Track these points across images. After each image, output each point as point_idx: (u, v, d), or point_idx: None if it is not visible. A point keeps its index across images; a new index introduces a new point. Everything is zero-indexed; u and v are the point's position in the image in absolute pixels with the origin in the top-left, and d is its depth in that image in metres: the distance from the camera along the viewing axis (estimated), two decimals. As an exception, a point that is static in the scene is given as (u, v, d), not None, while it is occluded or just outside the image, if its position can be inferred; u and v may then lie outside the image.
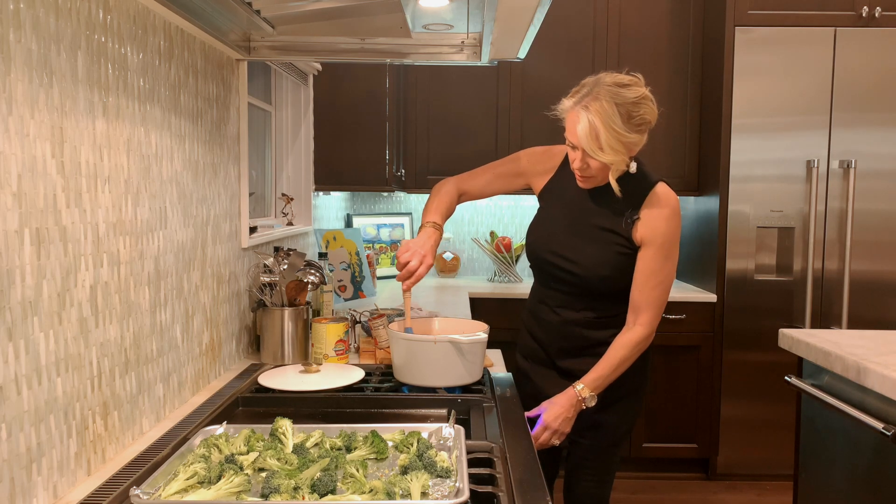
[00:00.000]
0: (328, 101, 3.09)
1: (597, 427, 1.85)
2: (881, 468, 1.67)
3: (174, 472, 1.13)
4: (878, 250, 3.33)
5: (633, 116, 1.63)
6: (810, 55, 3.29)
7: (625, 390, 1.85)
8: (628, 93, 1.64)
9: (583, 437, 1.87)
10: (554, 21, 3.55)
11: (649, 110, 1.67)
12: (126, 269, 1.37)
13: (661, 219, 1.74)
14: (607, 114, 1.61)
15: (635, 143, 1.68)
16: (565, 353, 1.87)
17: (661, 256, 1.75)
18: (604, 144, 1.62)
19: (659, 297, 1.78)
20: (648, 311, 1.78)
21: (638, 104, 1.64)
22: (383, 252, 3.95)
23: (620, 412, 1.87)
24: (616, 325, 1.83)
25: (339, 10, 1.69)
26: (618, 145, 1.63)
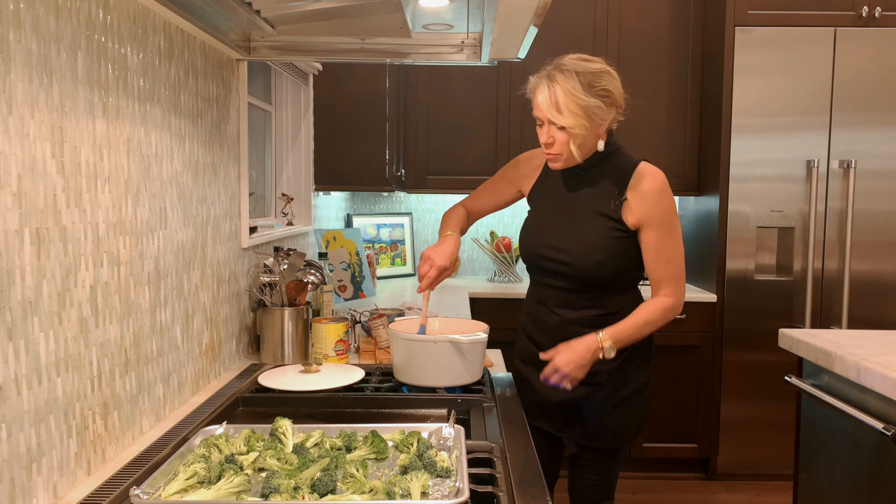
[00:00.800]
0: (328, 101, 3.09)
1: (604, 430, 1.83)
2: (881, 468, 1.67)
3: (174, 472, 1.13)
4: (878, 250, 3.33)
5: (593, 85, 1.67)
6: (810, 55, 3.29)
7: (630, 391, 1.83)
8: (589, 64, 1.69)
9: (590, 441, 1.85)
10: (554, 21, 3.55)
11: (611, 83, 1.70)
12: (126, 269, 1.37)
13: (651, 198, 1.74)
14: (566, 81, 1.66)
15: (596, 110, 1.68)
16: None
17: (662, 234, 1.75)
18: (562, 107, 1.67)
19: (675, 270, 1.78)
20: (668, 284, 1.78)
21: (599, 74, 1.68)
22: (383, 252, 3.95)
23: (626, 415, 1.84)
24: (615, 323, 1.78)
25: (339, 10, 1.69)
26: (576, 108, 1.66)
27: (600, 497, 1.92)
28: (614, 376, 1.81)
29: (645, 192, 1.74)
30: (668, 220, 1.76)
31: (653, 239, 1.75)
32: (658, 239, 1.75)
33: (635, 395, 1.84)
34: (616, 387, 1.81)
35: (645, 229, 1.75)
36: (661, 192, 1.75)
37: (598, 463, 1.90)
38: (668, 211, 1.76)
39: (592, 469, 1.91)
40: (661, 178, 1.77)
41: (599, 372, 1.79)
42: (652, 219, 1.74)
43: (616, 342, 1.72)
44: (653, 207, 1.74)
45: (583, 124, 1.68)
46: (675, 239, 1.77)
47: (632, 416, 1.85)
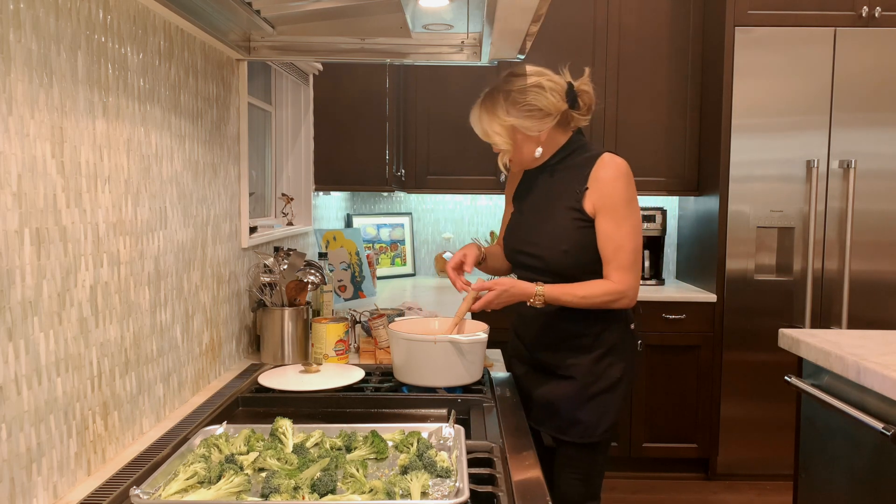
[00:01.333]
0: (328, 101, 3.09)
1: (577, 423, 1.84)
2: (881, 468, 1.67)
3: (174, 472, 1.13)
4: (878, 250, 3.33)
5: (518, 102, 1.76)
6: (810, 55, 3.29)
7: (603, 386, 1.83)
8: (517, 81, 1.78)
9: (563, 434, 1.86)
10: (554, 21, 3.55)
11: (540, 98, 1.76)
12: (126, 269, 1.37)
13: (605, 184, 1.77)
14: (491, 103, 1.79)
15: (526, 126, 1.77)
16: (543, 346, 1.89)
17: (613, 221, 1.76)
18: (487, 129, 1.80)
19: (624, 259, 1.77)
20: (615, 271, 1.77)
21: (524, 91, 1.76)
22: (383, 252, 3.95)
23: (599, 409, 1.84)
24: (589, 315, 1.82)
25: (339, 10, 1.69)
26: (500, 129, 1.78)
27: (584, 497, 1.90)
28: (587, 370, 1.83)
29: (601, 178, 1.78)
30: (621, 207, 1.76)
31: (603, 225, 1.77)
32: (608, 225, 1.76)
33: (608, 390, 1.84)
34: (589, 381, 1.82)
35: (598, 215, 1.78)
36: (615, 178, 1.77)
37: (577, 460, 1.88)
38: (621, 198, 1.77)
39: (572, 467, 1.89)
40: (618, 166, 1.79)
41: (575, 366, 1.83)
42: (605, 204, 1.76)
43: (548, 299, 1.75)
44: (606, 193, 1.76)
45: (506, 141, 1.79)
46: (626, 229, 1.76)
47: (604, 412, 1.84)
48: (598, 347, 1.83)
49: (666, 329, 3.44)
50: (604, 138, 3.67)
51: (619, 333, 1.86)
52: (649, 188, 3.70)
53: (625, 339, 1.88)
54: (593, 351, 1.83)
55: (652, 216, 3.74)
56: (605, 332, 1.84)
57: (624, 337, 1.87)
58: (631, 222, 1.77)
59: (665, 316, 3.43)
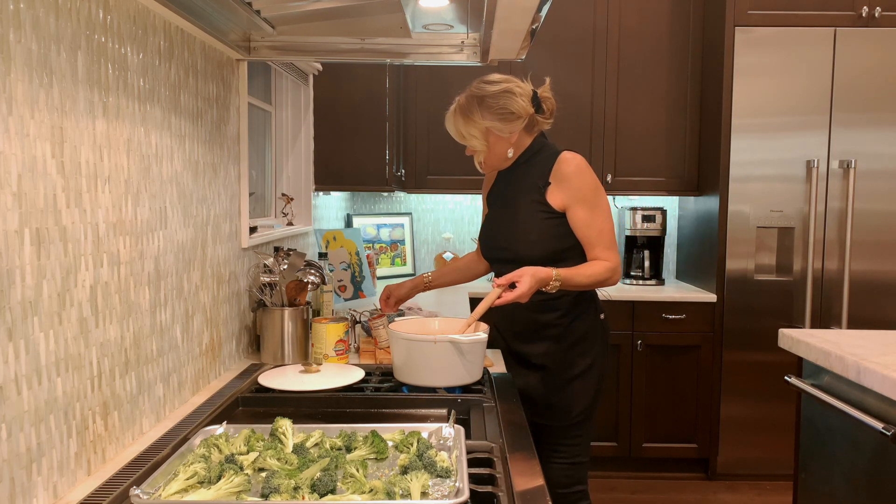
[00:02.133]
0: (328, 101, 3.09)
1: (551, 408, 1.98)
2: (881, 468, 1.67)
3: (174, 472, 1.13)
4: (878, 250, 3.33)
5: (492, 106, 1.88)
6: (810, 55, 3.29)
7: (576, 372, 1.96)
8: (489, 87, 1.90)
9: (540, 418, 1.97)
10: (554, 21, 3.55)
11: (511, 102, 1.88)
12: (126, 269, 1.37)
13: (569, 179, 1.89)
14: (466, 107, 1.91)
15: (499, 128, 1.90)
16: (517, 337, 2.03)
17: (587, 209, 1.89)
18: (463, 132, 1.93)
19: (607, 240, 1.90)
20: (605, 251, 1.89)
21: (497, 96, 1.88)
22: (383, 252, 3.95)
23: (573, 394, 1.97)
24: (560, 307, 1.94)
25: (339, 10, 1.69)
26: (475, 132, 1.91)
27: (571, 482, 2.01)
28: (559, 359, 1.97)
29: (563, 174, 1.90)
30: (591, 196, 1.89)
31: (579, 216, 1.89)
32: (584, 215, 1.89)
33: (580, 376, 1.97)
34: (561, 369, 1.97)
35: (571, 209, 1.90)
36: (577, 172, 1.90)
37: (562, 445, 2.00)
38: (588, 188, 1.89)
39: (558, 452, 2.01)
40: (576, 161, 1.92)
41: (545, 354, 1.97)
42: (574, 197, 1.89)
43: (563, 282, 1.81)
44: (574, 186, 1.89)
45: (481, 143, 1.92)
46: (601, 214, 1.90)
47: (577, 397, 1.98)
48: (569, 337, 1.96)
49: (666, 329, 3.43)
50: (604, 138, 3.67)
51: (589, 323, 1.99)
52: (649, 188, 3.70)
53: (594, 328, 2.00)
54: (564, 341, 1.96)
55: (652, 216, 3.74)
56: (574, 323, 1.96)
57: (594, 326, 2.00)
58: (602, 206, 1.91)
59: (665, 316, 3.43)
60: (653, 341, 3.43)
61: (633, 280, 3.78)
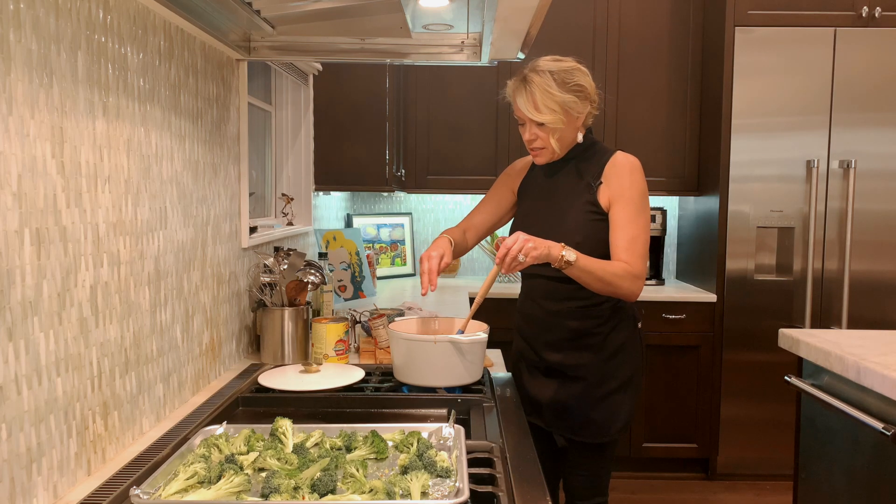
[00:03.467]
0: (328, 101, 3.09)
1: (589, 424, 1.86)
2: (881, 468, 1.67)
3: (174, 472, 1.13)
4: (878, 250, 3.33)
5: (566, 82, 1.78)
6: (810, 55, 3.29)
7: (615, 385, 1.85)
8: (561, 63, 1.80)
9: (577, 435, 1.88)
10: (554, 21, 3.55)
11: (583, 78, 1.81)
12: (126, 269, 1.37)
13: (623, 176, 1.81)
14: (541, 80, 1.77)
15: (572, 105, 1.78)
16: (550, 346, 1.88)
17: (629, 211, 1.78)
18: (540, 104, 1.77)
19: (639, 249, 1.77)
20: (632, 257, 1.75)
21: (570, 71, 1.79)
22: (383, 252, 3.95)
23: (611, 409, 1.86)
24: (598, 315, 1.83)
25: (339, 10, 1.69)
26: (553, 104, 1.76)
27: (593, 493, 1.94)
28: (598, 371, 1.84)
29: (618, 171, 1.82)
30: (637, 199, 1.80)
31: (618, 214, 1.78)
32: (623, 215, 1.78)
33: (619, 389, 1.86)
34: (600, 381, 1.84)
35: (613, 206, 1.80)
36: (631, 170, 1.82)
37: (588, 458, 1.91)
38: (637, 190, 1.81)
39: (583, 465, 1.92)
40: (634, 161, 1.85)
41: (584, 366, 1.84)
42: (622, 195, 1.79)
43: (577, 256, 1.67)
44: (624, 185, 1.80)
45: (560, 119, 1.78)
46: (640, 222, 1.79)
47: (616, 411, 1.86)
48: (608, 347, 1.84)
49: (666, 329, 3.43)
50: (604, 138, 3.67)
51: (628, 332, 1.87)
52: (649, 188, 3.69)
53: (633, 337, 1.88)
54: (602, 350, 1.84)
55: (652, 216, 3.74)
56: (613, 332, 1.84)
57: (632, 336, 1.88)
58: (645, 216, 1.81)
59: (665, 316, 3.43)
60: (653, 341, 3.43)
61: (633, 280, 3.77)
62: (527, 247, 1.62)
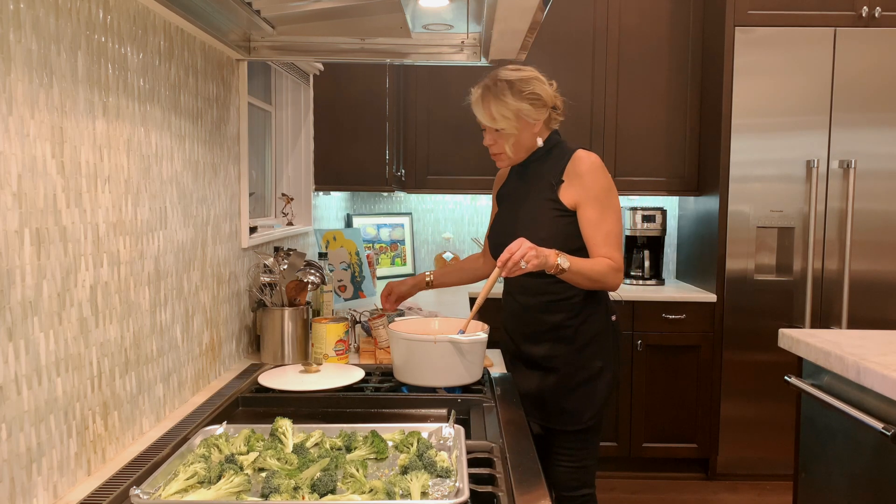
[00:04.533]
0: (328, 101, 3.09)
1: (563, 412, 1.95)
2: (881, 468, 1.67)
3: (174, 472, 1.13)
4: (878, 250, 3.33)
5: (522, 90, 1.86)
6: (810, 55, 3.29)
7: (586, 375, 1.94)
8: (519, 73, 1.89)
9: (550, 422, 1.96)
10: (554, 21, 3.55)
11: (539, 87, 1.88)
12: (126, 269, 1.37)
13: (583, 177, 1.88)
14: (497, 89, 1.87)
15: (527, 112, 1.87)
16: (527, 338, 1.99)
17: (598, 208, 1.86)
18: (494, 113, 1.87)
19: (615, 242, 1.87)
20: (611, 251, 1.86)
21: (526, 81, 1.87)
22: (383, 252, 3.95)
23: (583, 398, 1.94)
24: (569, 308, 1.92)
25: (339, 10, 1.69)
26: (507, 112, 1.86)
27: (579, 484, 1.99)
28: (570, 361, 1.94)
29: (578, 172, 1.88)
30: (603, 196, 1.87)
31: (588, 215, 1.87)
32: (593, 214, 1.86)
33: (591, 379, 1.95)
34: (571, 371, 1.94)
35: (581, 207, 1.88)
36: (591, 170, 1.88)
37: (567, 448, 1.98)
38: (600, 187, 1.87)
39: (566, 455, 1.98)
40: (592, 159, 1.90)
41: (557, 357, 1.93)
42: (587, 196, 1.87)
43: (570, 262, 1.76)
44: (587, 185, 1.87)
45: (513, 125, 1.87)
46: (611, 216, 1.87)
47: (589, 400, 1.95)
48: (580, 339, 1.93)
49: (666, 329, 3.43)
50: (604, 138, 3.67)
51: (600, 325, 1.95)
52: (649, 188, 3.70)
53: (605, 329, 1.97)
54: (574, 342, 1.93)
55: (652, 216, 3.74)
56: (584, 324, 1.93)
57: (604, 327, 1.97)
58: (614, 208, 1.89)
59: (665, 316, 3.43)
60: (653, 341, 3.43)
61: (633, 280, 3.78)
62: (529, 254, 1.68)
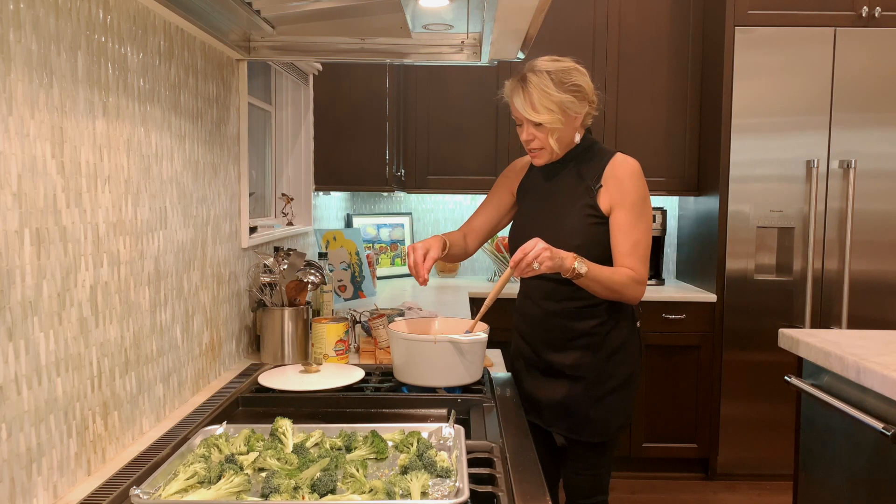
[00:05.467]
0: (328, 101, 3.09)
1: (588, 423, 1.86)
2: (881, 468, 1.67)
3: (174, 472, 1.13)
4: (878, 250, 3.33)
5: (564, 82, 1.77)
6: (810, 55, 3.29)
7: (614, 384, 1.86)
8: (559, 63, 1.80)
9: (576, 434, 1.88)
10: (554, 21, 3.55)
11: (581, 78, 1.80)
12: (126, 269, 1.37)
13: (623, 181, 1.80)
14: (538, 80, 1.77)
15: (569, 105, 1.78)
16: (549, 346, 1.89)
17: (630, 216, 1.79)
18: (537, 105, 1.76)
19: (642, 253, 1.79)
20: (635, 262, 1.77)
21: (567, 71, 1.79)
22: (383, 252, 3.95)
23: (610, 408, 1.86)
24: (597, 315, 1.83)
25: (339, 10, 1.69)
26: (550, 104, 1.76)
27: (593, 492, 1.95)
28: (597, 370, 1.85)
29: (618, 176, 1.81)
30: (639, 204, 1.80)
31: (620, 220, 1.79)
32: (625, 220, 1.79)
33: (619, 388, 1.87)
34: (599, 380, 1.85)
35: (615, 211, 1.80)
36: (632, 175, 1.81)
37: (587, 457, 1.92)
38: (638, 195, 1.81)
39: (582, 464, 1.93)
40: (634, 164, 1.83)
41: (583, 365, 1.84)
42: (623, 200, 1.79)
43: (588, 268, 1.69)
44: (624, 190, 1.80)
45: (558, 119, 1.77)
46: (642, 226, 1.80)
47: (616, 410, 1.87)
48: (607, 346, 1.84)
49: (666, 329, 3.43)
50: (604, 138, 3.67)
51: (627, 332, 1.87)
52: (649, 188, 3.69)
53: (632, 337, 1.89)
54: (602, 350, 1.84)
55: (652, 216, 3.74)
56: (612, 331, 1.85)
57: (631, 335, 1.89)
58: (646, 220, 1.82)
59: (665, 316, 3.43)
60: (653, 341, 3.43)
61: (633, 280, 3.78)
62: (543, 255, 1.62)
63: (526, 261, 1.62)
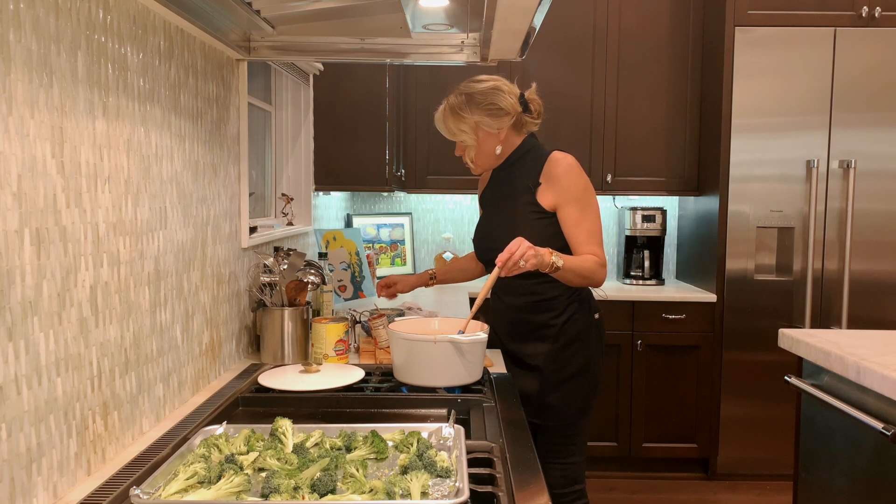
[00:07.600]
0: (328, 101, 3.09)
1: (546, 408, 1.99)
2: (881, 468, 1.67)
3: (174, 472, 1.13)
4: (878, 250, 3.33)
5: (480, 102, 1.92)
6: (810, 55, 3.29)
7: (568, 372, 1.98)
8: (478, 85, 1.94)
9: (535, 418, 1.99)
10: (554, 21, 3.55)
11: (500, 98, 1.92)
12: (126, 269, 1.37)
13: (560, 178, 1.92)
14: (456, 102, 1.94)
15: (487, 123, 1.93)
16: (512, 336, 2.05)
17: (578, 207, 1.91)
18: (452, 127, 1.96)
19: (597, 239, 1.91)
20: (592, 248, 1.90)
21: (485, 93, 1.92)
22: (383, 252, 3.95)
23: (567, 394, 1.99)
24: (554, 307, 1.97)
25: (339, 10, 1.69)
26: (463, 126, 1.93)
27: (568, 482, 2.04)
28: (553, 359, 1.98)
29: (555, 174, 1.93)
30: (581, 196, 1.91)
31: (569, 214, 1.91)
32: (573, 214, 1.91)
33: (575, 376, 2.00)
34: (554, 369, 1.99)
35: (561, 207, 1.92)
36: (567, 171, 1.92)
37: (556, 450, 2.03)
38: (578, 188, 1.91)
39: (553, 453, 2.03)
40: (567, 160, 1.94)
41: (540, 355, 1.99)
42: (566, 196, 1.91)
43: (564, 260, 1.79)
44: (564, 186, 1.91)
45: (471, 137, 1.94)
46: (591, 214, 1.92)
47: (572, 397, 2.00)
48: (562, 337, 1.98)
49: (666, 329, 3.44)
50: (604, 138, 3.67)
51: (583, 323, 2.00)
52: (649, 188, 3.71)
53: (588, 327, 2.02)
54: (557, 341, 1.98)
55: (652, 216, 3.74)
56: (567, 323, 1.98)
57: (587, 325, 2.01)
58: (593, 206, 1.93)
59: (665, 316, 3.43)
60: (653, 341, 3.43)
61: (633, 280, 3.78)
62: (528, 254, 1.70)
63: (513, 260, 1.69)
